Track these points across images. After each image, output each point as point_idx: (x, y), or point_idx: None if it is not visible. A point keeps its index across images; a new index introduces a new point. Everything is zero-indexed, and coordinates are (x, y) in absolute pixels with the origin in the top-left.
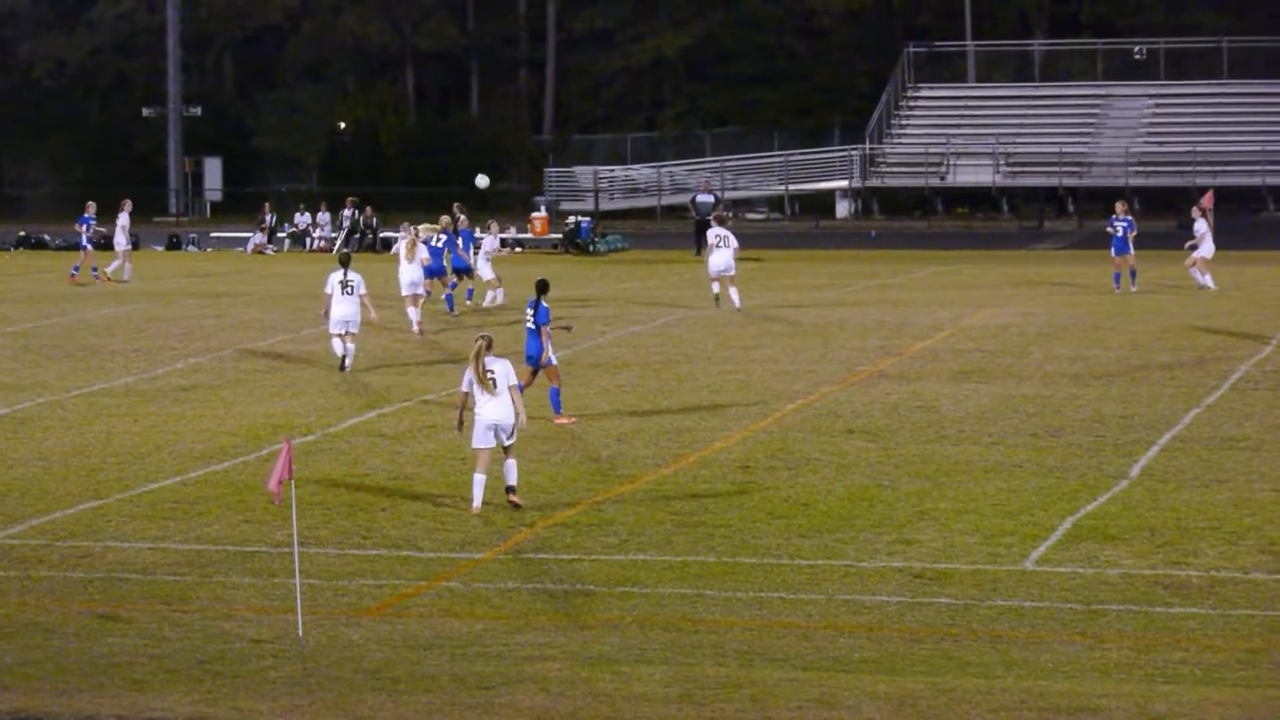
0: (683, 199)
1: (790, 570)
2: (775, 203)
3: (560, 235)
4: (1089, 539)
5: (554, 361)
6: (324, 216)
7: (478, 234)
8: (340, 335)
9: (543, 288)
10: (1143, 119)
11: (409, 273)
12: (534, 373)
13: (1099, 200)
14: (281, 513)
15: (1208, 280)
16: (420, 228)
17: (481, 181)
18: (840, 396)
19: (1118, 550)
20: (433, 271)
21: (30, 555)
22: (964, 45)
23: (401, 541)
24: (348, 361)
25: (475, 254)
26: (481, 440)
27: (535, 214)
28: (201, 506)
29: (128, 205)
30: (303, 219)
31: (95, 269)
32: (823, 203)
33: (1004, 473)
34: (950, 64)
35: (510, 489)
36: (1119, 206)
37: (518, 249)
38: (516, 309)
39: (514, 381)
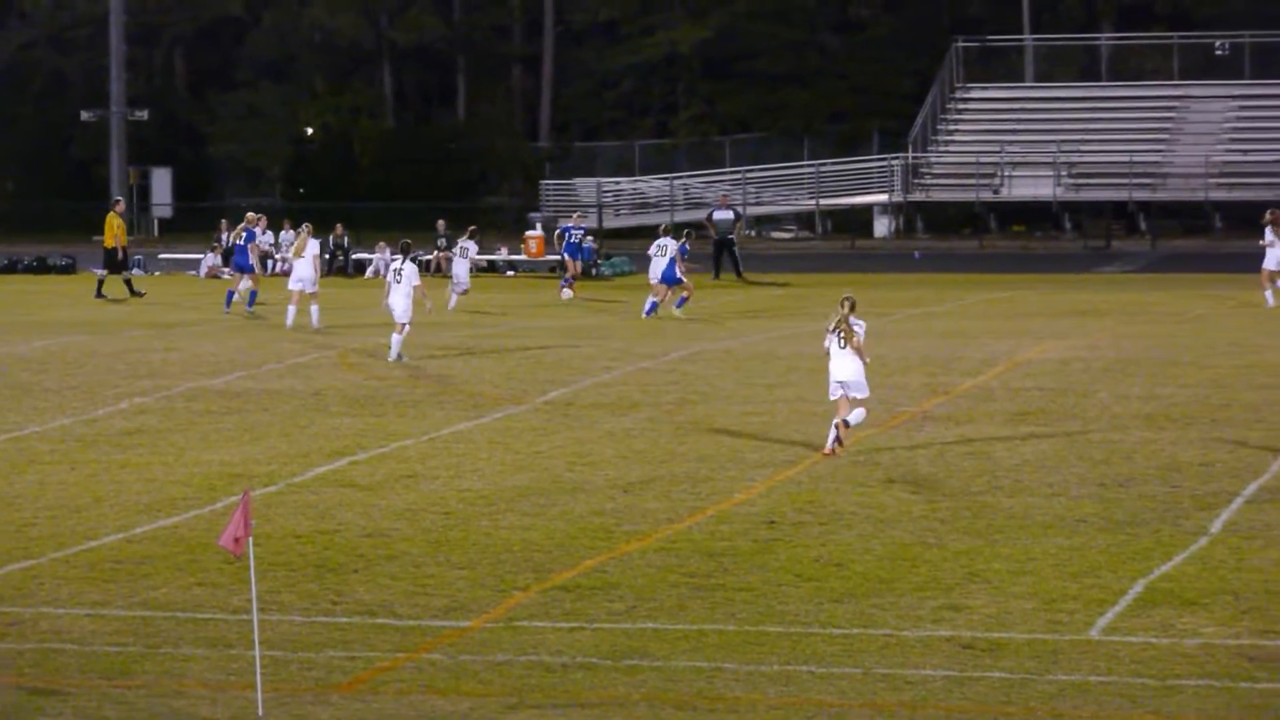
0: (698, 215)
1: (821, 640)
2: (805, 219)
3: (558, 257)
4: (1164, 604)
5: None
6: (286, 236)
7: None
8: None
9: None
10: (1225, 123)
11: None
12: None
13: (1175, 216)
14: (239, 575)
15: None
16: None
17: None
18: (879, 441)
19: (1196, 617)
20: None
21: None
22: (1021, 40)
23: (377, 607)
24: (400, 355)
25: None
26: (833, 392)
27: (530, 233)
28: (148, 567)
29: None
30: (264, 238)
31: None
32: (859, 220)
33: (1066, 528)
34: (1005, 61)
35: (845, 423)
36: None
37: (509, 272)
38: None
39: (862, 339)
